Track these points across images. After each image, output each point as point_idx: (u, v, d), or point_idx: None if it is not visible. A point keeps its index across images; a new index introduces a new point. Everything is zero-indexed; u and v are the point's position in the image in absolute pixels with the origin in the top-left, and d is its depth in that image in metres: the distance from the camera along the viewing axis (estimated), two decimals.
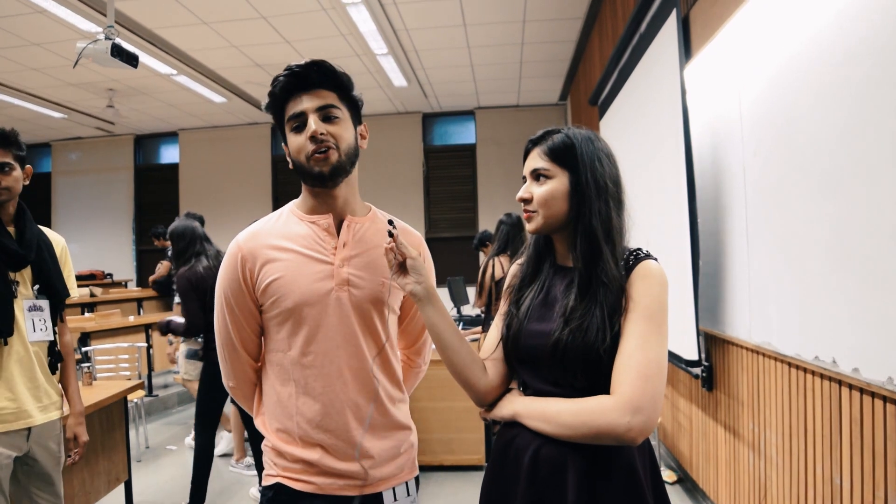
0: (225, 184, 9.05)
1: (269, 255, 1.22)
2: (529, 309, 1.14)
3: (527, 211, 1.14)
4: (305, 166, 1.20)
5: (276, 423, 1.25)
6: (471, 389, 1.15)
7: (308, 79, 1.19)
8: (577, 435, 0.99)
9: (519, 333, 1.12)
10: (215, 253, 3.31)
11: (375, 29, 5.47)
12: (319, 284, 1.21)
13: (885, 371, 1.41)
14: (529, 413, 1.06)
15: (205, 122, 8.85)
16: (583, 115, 6.62)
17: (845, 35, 1.52)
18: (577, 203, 1.10)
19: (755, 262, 2.13)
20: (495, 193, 8.70)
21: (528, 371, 1.12)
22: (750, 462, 2.24)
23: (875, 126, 1.42)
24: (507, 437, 1.10)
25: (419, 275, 1.13)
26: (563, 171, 1.11)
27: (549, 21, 5.61)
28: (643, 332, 1.00)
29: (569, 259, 1.16)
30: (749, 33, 2.05)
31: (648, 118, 2.92)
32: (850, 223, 1.54)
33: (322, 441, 1.22)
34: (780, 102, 1.88)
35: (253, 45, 5.94)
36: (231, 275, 1.24)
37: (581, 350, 1.02)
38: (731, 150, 2.28)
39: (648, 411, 0.95)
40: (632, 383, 0.96)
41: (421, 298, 1.13)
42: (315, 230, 1.25)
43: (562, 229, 1.14)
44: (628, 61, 3.32)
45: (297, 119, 1.19)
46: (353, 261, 1.24)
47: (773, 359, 2.03)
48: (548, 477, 1.01)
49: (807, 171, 1.74)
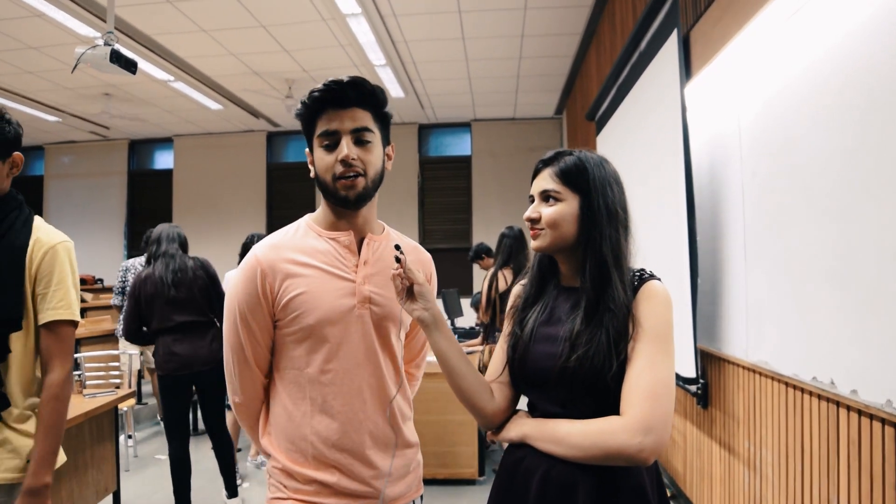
0: (219, 191, 9.02)
1: (291, 269, 1.20)
2: (534, 330, 1.14)
3: (534, 229, 1.15)
4: (331, 187, 1.19)
5: (286, 442, 1.22)
6: (478, 413, 1.16)
7: (346, 97, 1.17)
8: (587, 456, 0.99)
9: (525, 356, 1.12)
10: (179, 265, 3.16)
11: (374, 40, 5.49)
12: (342, 301, 1.20)
13: (884, 394, 1.42)
14: (539, 435, 1.06)
15: (200, 129, 8.83)
16: (579, 129, 6.67)
17: (846, 61, 1.54)
18: (586, 227, 1.11)
19: (753, 282, 2.14)
20: (490, 206, 8.73)
21: (535, 393, 1.12)
22: (745, 480, 2.24)
23: (876, 150, 1.44)
24: (516, 458, 1.10)
25: (426, 301, 1.13)
26: (574, 194, 1.12)
27: (547, 36, 5.66)
28: (651, 353, 1.00)
29: (573, 280, 1.17)
30: (749, 56, 2.07)
31: (647, 135, 2.94)
32: (851, 245, 1.55)
33: (337, 461, 1.20)
34: (778, 125, 1.90)
35: (251, 54, 5.95)
36: (249, 288, 1.20)
37: (589, 375, 1.02)
38: (729, 170, 2.30)
39: (659, 431, 0.95)
40: (642, 404, 0.96)
41: (428, 325, 1.13)
42: (336, 247, 1.23)
43: (567, 250, 1.15)
44: (627, 78, 3.35)
45: (329, 137, 1.18)
46: (373, 279, 1.24)
47: (769, 378, 2.03)
48: (557, 498, 1.01)
49: (807, 193, 1.75)
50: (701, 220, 2.52)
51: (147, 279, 3.13)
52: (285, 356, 1.23)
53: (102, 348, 4.86)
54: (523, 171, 8.76)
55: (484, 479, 3.84)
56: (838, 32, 1.58)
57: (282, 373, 1.24)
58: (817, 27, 1.68)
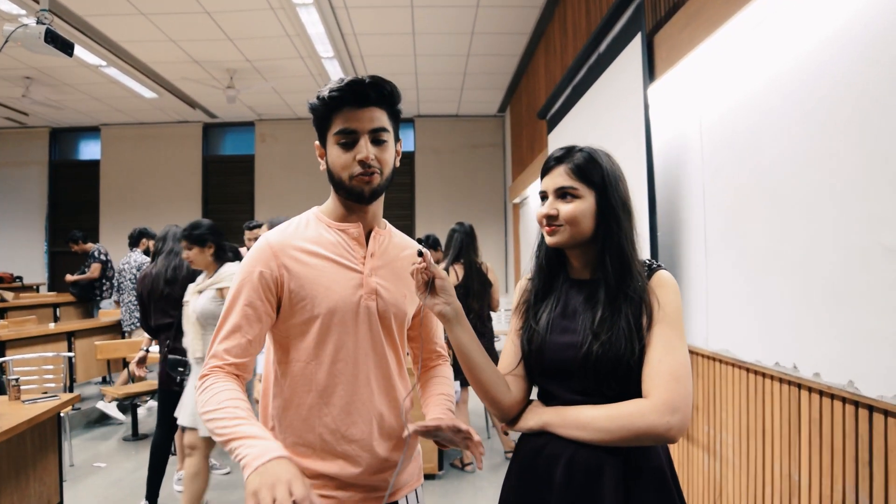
0: (151, 184, 8.63)
1: (300, 257, 1.20)
2: (550, 322, 1.17)
3: (552, 226, 1.17)
4: (346, 184, 1.19)
5: (293, 437, 1.21)
6: (496, 405, 1.18)
7: (366, 97, 1.18)
8: (615, 439, 1.03)
9: (543, 347, 1.15)
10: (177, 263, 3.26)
11: (324, 32, 5.41)
12: (350, 292, 1.20)
13: (846, 375, 1.54)
14: (562, 422, 1.09)
15: (131, 118, 8.41)
16: (524, 127, 6.80)
17: (809, 72, 1.66)
18: (604, 221, 1.14)
19: (713, 275, 2.27)
20: (433, 201, 8.77)
21: (555, 383, 1.15)
22: (705, 464, 2.37)
23: (836, 154, 1.55)
24: (536, 446, 1.13)
25: (448, 295, 1.14)
26: (590, 190, 1.15)
27: (496, 34, 5.74)
28: (668, 338, 1.06)
29: (585, 273, 1.20)
30: (715, 62, 2.19)
31: (607, 133, 3.04)
32: (813, 240, 1.67)
33: (346, 452, 1.20)
34: (743, 128, 2.01)
35: (192, 41, 5.72)
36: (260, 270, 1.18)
37: (612, 361, 1.06)
38: (690, 168, 2.42)
39: (684, 410, 1.01)
40: (666, 385, 1.02)
41: (450, 319, 1.14)
42: (345, 238, 1.24)
43: (583, 245, 1.18)
44: (584, 78, 3.45)
45: (347, 136, 1.18)
46: (380, 271, 1.25)
47: (730, 365, 2.16)
48: (584, 482, 1.05)
49: (770, 192, 1.87)
50: (660, 215, 2.63)
51: (146, 277, 3.30)
52: (292, 348, 1.21)
53: (32, 350, 4.56)
54: (466, 167, 8.88)
55: (443, 474, 3.87)
56: (801, 45, 1.70)
57: (288, 366, 1.22)
58: (782, 40, 1.79)
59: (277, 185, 8.59)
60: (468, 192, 8.79)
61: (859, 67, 1.48)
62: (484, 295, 3.95)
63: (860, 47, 1.47)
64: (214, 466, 3.92)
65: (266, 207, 8.50)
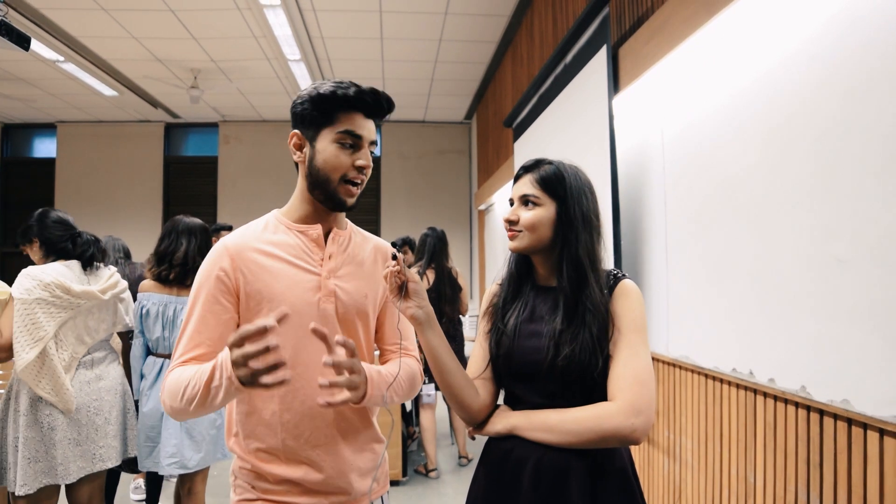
0: (110, 184, 8.40)
1: (258, 259, 1.19)
2: (518, 326, 1.20)
3: (512, 230, 1.22)
4: (332, 186, 1.19)
5: (256, 442, 1.20)
6: (465, 409, 1.19)
7: (379, 108, 1.20)
8: (582, 441, 1.05)
9: (511, 351, 1.17)
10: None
11: (291, 34, 5.37)
12: (308, 294, 1.19)
13: (799, 381, 1.60)
14: (529, 425, 1.11)
15: (89, 116, 8.18)
16: (490, 134, 6.86)
17: (769, 88, 1.73)
18: (562, 231, 1.19)
19: (674, 284, 2.33)
20: (398, 206, 8.77)
21: (522, 386, 1.17)
22: (665, 466, 2.42)
23: (794, 167, 1.62)
24: (504, 450, 1.15)
25: (420, 299, 1.14)
26: (552, 200, 1.20)
27: (464, 42, 5.78)
28: (633, 344, 1.10)
29: (550, 280, 1.24)
30: (678, 75, 2.25)
31: (571, 143, 3.10)
32: (770, 249, 1.73)
33: (309, 457, 1.19)
34: (704, 140, 2.08)
35: (155, 39, 5.61)
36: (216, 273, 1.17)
37: (576, 372, 1.10)
38: (652, 177, 2.48)
39: (648, 413, 1.05)
40: (631, 389, 1.05)
41: (422, 323, 1.15)
42: (303, 240, 1.23)
43: (543, 252, 1.23)
44: (550, 88, 3.51)
45: (352, 138, 1.18)
46: (338, 272, 1.24)
47: (690, 371, 2.21)
48: (551, 485, 1.07)
49: (730, 203, 1.93)
50: (623, 224, 2.69)
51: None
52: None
53: None
54: (432, 173, 8.90)
55: (407, 480, 3.86)
56: (760, 64, 1.77)
57: None
58: (742, 58, 1.86)
59: (241, 187, 8.45)
60: (434, 198, 8.81)
61: (814, 87, 1.54)
62: (455, 300, 3.99)
63: (815, 68, 1.54)
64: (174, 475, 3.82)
65: (229, 210, 8.36)
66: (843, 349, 1.44)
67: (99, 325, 2.38)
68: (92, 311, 2.34)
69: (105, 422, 2.32)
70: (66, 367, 2.24)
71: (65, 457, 2.19)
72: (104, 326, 2.40)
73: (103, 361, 2.41)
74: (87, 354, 2.36)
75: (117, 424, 2.37)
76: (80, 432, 2.24)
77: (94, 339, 2.37)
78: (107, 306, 2.40)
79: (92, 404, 2.29)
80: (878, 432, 1.34)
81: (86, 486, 2.35)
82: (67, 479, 2.20)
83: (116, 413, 2.38)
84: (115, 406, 2.38)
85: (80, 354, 2.32)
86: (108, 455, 2.32)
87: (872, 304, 1.35)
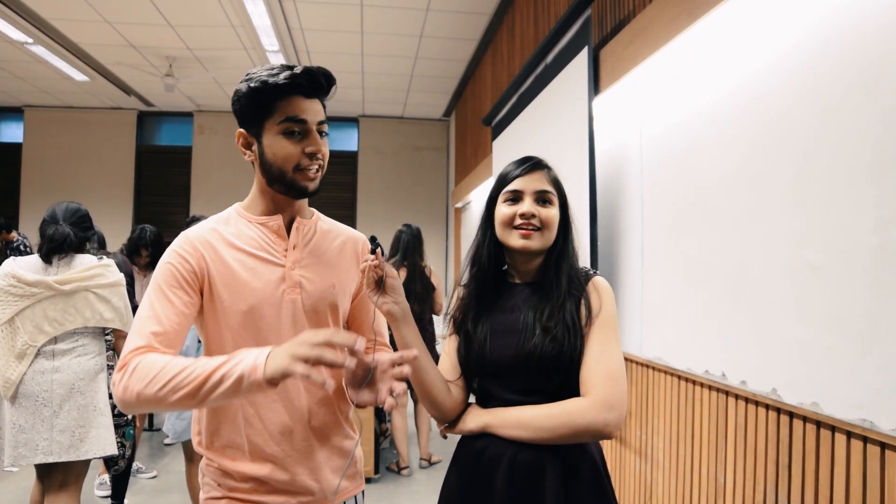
0: (79, 171, 8.18)
1: (221, 251, 1.16)
2: (489, 324, 1.20)
3: (531, 227, 1.18)
4: (288, 177, 1.16)
5: (220, 439, 1.17)
6: (437, 407, 1.19)
7: (318, 86, 1.15)
8: (555, 436, 1.06)
9: (483, 347, 1.17)
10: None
11: (270, 24, 5.29)
12: (272, 287, 1.17)
13: (770, 383, 1.63)
14: (502, 423, 1.11)
15: (59, 101, 7.95)
16: (469, 133, 6.85)
17: (746, 96, 1.75)
18: (563, 232, 1.22)
19: (649, 285, 2.35)
20: (374, 202, 8.72)
21: (495, 383, 1.17)
22: (636, 466, 2.44)
23: (768, 172, 1.64)
24: (477, 449, 1.15)
25: (397, 294, 1.13)
26: (558, 201, 1.22)
27: (445, 39, 5.76)
28: (605, 339, 1.11)
29: (526, 277, 1.25)
30: (658, 79, 2.27)
31: (550, 143, 3.11)
32: (744, 254, 1.76)
33: (275, 455, 1.16)
34: (682, 144, 2.10)
35: (130, 24, 5.47)
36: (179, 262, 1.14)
37: (556, 356, 1.10)
38: (630, 179, 2.50)
39: (620, 408, 1.06)
40: (603, 384, 1.07)
41: (398, 318, 1.14)
42: (265, 232, 1.20)
43: (541, 252, 1.23)
44: (531, 87, 3.51)
45: (297, 124, 1.14)
46: (303, 262, 1.21)
47: (663, 372, 2.24)
48: (526, 482, 1.07)
49: (705, 207, 1.96)
50: (600, 225, 2.71)
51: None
52: (215, 346, 1.17)
53: None
54: (409, 169, 8.87)
55: (378, 478, 3.84)
56: (739, 71, 1.79)
57: None
58: (721, 63, 1.88)
59: (215, 178, 8.31)
60: (410, 195, 8.78)
61: (791, 97, 1.57)
62: (426, 298, 3.96)
63: (793, 79, 1.56)
64: (140, 470, 3.76)
65: (202, 201, 8.22)
66: (814, 353, 1.47)
67: (63, 315, 2.33)
68: (53, 301, 2.32)
69: (52, 414, 2.28)
70: (19, 354, 2.28)
71: (10, 441, 2.24)
72: (70, 318, 2.34)
73: (68, 354, 2.35)
74: (50, 345, 2.32)
75: (68, 419, 2.30)
76: (27, 420, 2.25)
77: (56, 330, 2.32)
78: (71, 298, 2.35)
79: (41, 394, 2.27)
80: (846, 435, 1.37)
81: (58, 474, 2.34)
82: (9, 463, 2.25)
83: (70, 408, 2.31)
84: (69, 401, 2.31)
85: (39, 343, 2.30)
86: (51, 449, 2.26)
87: (842, 309, 1.38)
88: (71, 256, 2.39)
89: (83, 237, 2.44)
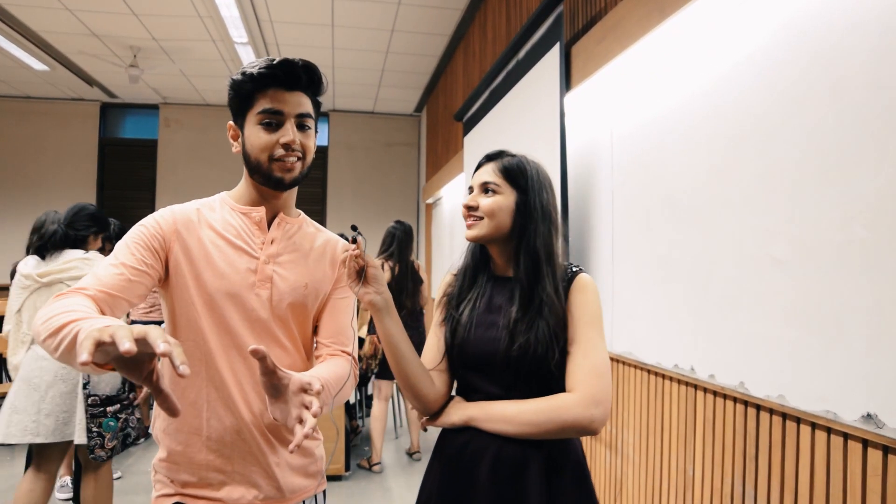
0: (39, 164, 7.91)
1: (199, 232, 1.16)
2: (473, 317, 1.19)
3: (472, 216, 1.21)
4: (264, 168, 1.15)
5: (176, 430, 1.15)
6: (420, 399, 1.17)
7: (297, 79, 1.15)
8: (541, 432, 1.05)
9: (466, 341, 1.16)
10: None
11: (238, 16, 5.18)
12: (241, 276, 1.16)
13: (738, 377, 1.66)
14: (486, 417, 1.11)
15: (17, 91, 7.68)
16: (440, 128, 6.84)
17: (715, 96, 1.77)
18: (520, 222, 1.18)
19: (619, 280, 2.37)
20: (344, 197, 8.65)
21: (477, 376, 1.16)
22: (607, 459, 2.47)
23: (737, 171, 1.67)
24: (460, 443, 1.14)
25: (379, 285, 1.12)
26: (513, 189, 1.20)
27: (416, 34, 5.73)
28: (590, 337, 1.11)
29: (507, 270, 1.24)
30: (629, 76, 2.29)
31: (521, 139, 3.11)
32: (712, 250, 1.78)
33: (232, 449, 1.14)
34: (653, 142, 2.12)
35: (92, 12, 5.30)
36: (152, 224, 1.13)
37: (532, 363, 1.09)
38: (601, 175, 2.52)
39: (606, 404, 1.06)
40: (589, 381, 1.06)
41: (380, 309, 1.12)
42: (246, 222, 1.20)
43: (501, 241, 1.22)
44: (502, 83, 3.51)
45: (272, 116, 1.14)
46: (279, 258, 1.20)
47: (633, 367, 2.27)
48: (509, 477, 1.06)
49: (674, 204, 1.98)
50: (571, 220, 2.72)
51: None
52: (181, 325, 1.15)
53: None
54: (379, 164, 8.81)
55: (349, 475, 3.81)
56: (710, 69, 1.81)
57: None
58: (692, 62, 1.90)
59: (181, 172, 8.13)
60: (381, 190, 8.73)
61: (758, 95, 1.59)
62: (416, 293, 4.01)
63: (760, 76, 1.59)
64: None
65: (168, 195, 8.03)
66: (780, 347, 1.50)
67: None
68: (40, 293, 2.56)
69: (40, 399, 2.44)
70: (22, 340, 2.57)
71: (4, 419, 2.41)
72: None
73: None
74: None
75: (52, 405, 2.44)
76: (20, 402, 2.43)
77: None
78: (50, 289, 2.54)
79: (33, 379, 2.45)
80: (811, 426, 1.40)
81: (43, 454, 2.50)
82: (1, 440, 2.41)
83: (54, 394, 2.45)
84: (53, 388, 2.45)
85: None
86: (38, 430, 2.41)
87: (807, 303, 1.41)
88: (60, 252, 2.59)
89: (75, 234, 2.63)
